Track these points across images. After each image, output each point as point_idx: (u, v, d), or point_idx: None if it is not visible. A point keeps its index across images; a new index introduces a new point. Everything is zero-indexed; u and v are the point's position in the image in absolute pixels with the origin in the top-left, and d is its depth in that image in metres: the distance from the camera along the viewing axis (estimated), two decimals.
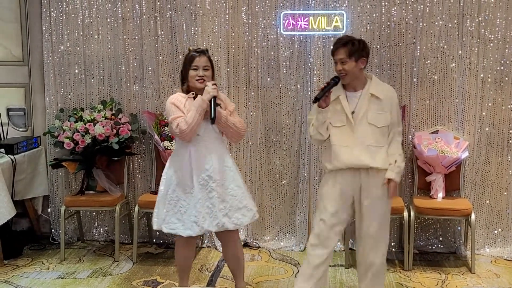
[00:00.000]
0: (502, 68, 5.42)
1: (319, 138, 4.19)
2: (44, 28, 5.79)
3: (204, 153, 4.15)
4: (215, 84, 4.10)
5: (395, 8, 5.43)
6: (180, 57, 5.62)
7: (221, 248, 5.60)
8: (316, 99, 4.03)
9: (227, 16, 5.61)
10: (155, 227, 4.30)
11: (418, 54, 5.44)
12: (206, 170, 4.13)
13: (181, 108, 4.12)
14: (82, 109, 5.72)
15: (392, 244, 5.56)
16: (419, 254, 5.53)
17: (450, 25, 5.41)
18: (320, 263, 4.18)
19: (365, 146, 4.09)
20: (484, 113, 5.48)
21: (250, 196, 4.36)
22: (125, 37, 5.74)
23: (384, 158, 4.12)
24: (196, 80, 4.14)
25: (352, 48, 4.08)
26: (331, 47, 4.19)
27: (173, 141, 5.38)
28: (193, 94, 4.15)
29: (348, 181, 4.15)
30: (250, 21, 5.61)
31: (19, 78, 5.95)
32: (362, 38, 4.26)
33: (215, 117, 4.01)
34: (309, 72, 5.56)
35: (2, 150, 5.52)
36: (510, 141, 5.49)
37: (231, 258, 4.42)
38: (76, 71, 5.82)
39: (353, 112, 4.12)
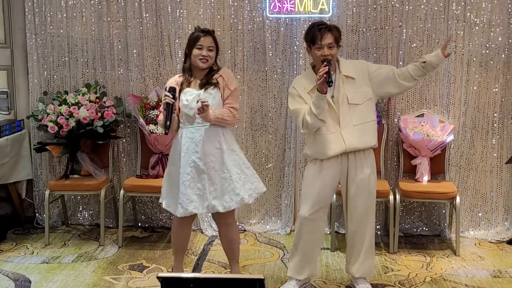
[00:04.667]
0: (487, 51, 5.43)
1: (321, 125, 4.08)
2: (26, 9, 5.71)
3: (196, 135, 4.16)
4: (168, 90, 4.11)
5: None
6: (165, 39, 5.62)
7: (206, 232, 5.65)
8: (332, 82, 3.94)
9: None
10: (159, 200, 4.48)
11: (404, 37, 5.44)
12: (196, 152, 4.15)
13: None
14: (66, 92, 5.66)
15: (378, 227, 5.58)
16: (404, 237, 5.57)
17: (436, 8, 5.41)
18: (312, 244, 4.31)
19: (352, 126, 4.11)
20: (469, 97, 5.50)
21: (249, 179, 4.31)
22: (109, 19, 5.67)
23: (372, 133, 4.19)
24: (200, 59, 4.17)
25: (338, 34, 4.12)
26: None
27: (158, 124, 5.36)
28: (184, 76, 4.26)
29: (335, 167, 4.19)
30: (235, 3, 5.56)
31: (1, 60, 5.85)
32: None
33: (168, 127, 4.06)
34: (295, 55, 5.54)
35: None
36: (495, 125, 5.51)
37: (225, 240, 4.45)
38: (60, 53, 5.75)
39: (332, 97, 4.12)
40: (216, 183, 4.19)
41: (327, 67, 3.92)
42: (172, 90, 4.09)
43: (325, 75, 3.89)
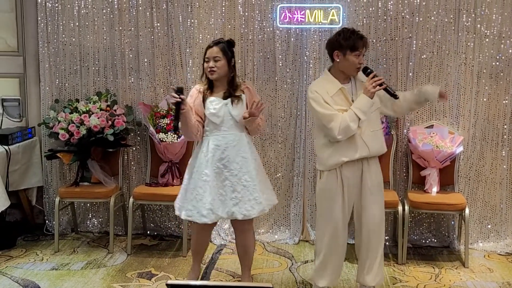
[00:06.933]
0: (497, 63, 5.43)
1: (357, 131, 4.11)
2: (39, 18, 5.76)
3: (222, 142, 4.25)
4: (175, 89, 4.11)
5: (391, 2, 5.43)
6: (176, 48, 5.67)
7: (215, 241, 5.66)
8: (397, 96, 4.14)
9: (223, 8, 5.59)
10: (176, 212, 4.47)
11: (414, 48, 5.45)
12: (222, 159, 4.24)
13: (190, 102, 4.32)
14: (77, 100, 5.70)
15: (386, 238, 5.56)
16: (413, 248, 5.56)
17: (446, 20, 5.42)
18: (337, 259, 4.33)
19: (369, 132, 4.11)
20: (479, 108, 5.50)
21: (266, 189, 4.41)
22: (120, 28, 5.72)
23: (382, 140, 4.23)
24: (208, 71, 4.25)
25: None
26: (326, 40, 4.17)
27: (168, 132, 5.39)
28: (204, 86, 4.35)
29: (354, 172, 4.16)
30: (246, 13, 5.59)
31: (14, 68, 5.92)
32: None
33: (176, 125, 4.17)
34: (305, 66, 5.56)
35: None
36: (505, 136, 5.51)
37: (240, 246, 4.51)
38: (72, 62, 5.80)
39: (352, 101, 4.13)
40: (238, 191, 4.25)
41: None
42: (179, 90, 4.10)
43: (383, 84, 4.06)
